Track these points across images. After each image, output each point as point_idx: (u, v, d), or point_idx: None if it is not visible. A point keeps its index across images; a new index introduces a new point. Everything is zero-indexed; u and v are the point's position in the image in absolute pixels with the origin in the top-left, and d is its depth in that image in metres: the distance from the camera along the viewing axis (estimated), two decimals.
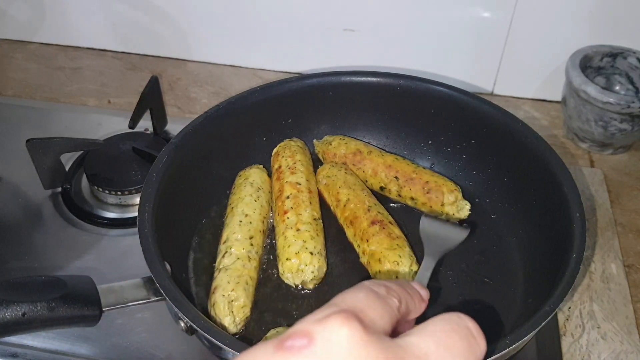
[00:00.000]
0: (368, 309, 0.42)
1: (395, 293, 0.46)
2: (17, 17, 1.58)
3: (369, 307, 0.42)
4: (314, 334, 0.39)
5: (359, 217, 1.03)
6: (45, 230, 1.13)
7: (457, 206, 1.08)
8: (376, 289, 0.45)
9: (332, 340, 0.38)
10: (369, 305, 0.42)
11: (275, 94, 1.15)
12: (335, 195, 1.09)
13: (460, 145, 1.16)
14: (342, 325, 0.39)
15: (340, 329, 0.39)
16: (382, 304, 0.44)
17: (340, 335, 0.38)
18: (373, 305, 0.43)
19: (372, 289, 0.45)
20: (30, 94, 1.48)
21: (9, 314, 0.75)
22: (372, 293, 0.44)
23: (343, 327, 0.39)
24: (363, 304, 0.42)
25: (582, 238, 0.88)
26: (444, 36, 1.40)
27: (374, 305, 0.43)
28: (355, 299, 0.43)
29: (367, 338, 0.39)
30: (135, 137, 1.25)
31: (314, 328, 0.39)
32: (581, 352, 0.96)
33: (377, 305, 0.43)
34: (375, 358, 0.38)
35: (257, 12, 1.44)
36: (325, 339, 0.38)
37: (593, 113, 1.25)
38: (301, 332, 0.39)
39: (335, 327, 0.39)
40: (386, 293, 0.45)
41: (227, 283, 0.93)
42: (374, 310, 0.42)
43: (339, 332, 0.39)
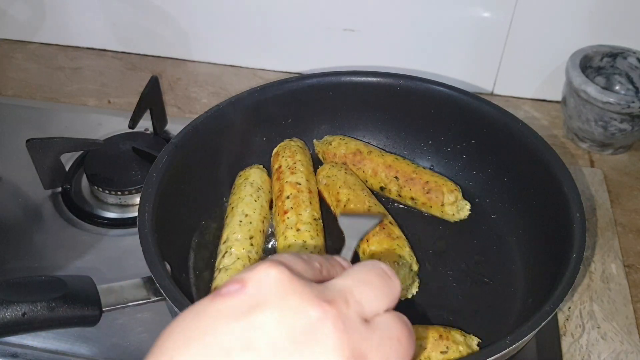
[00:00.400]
0: (293, 263, 0.47)
1: (316, 259, 0.51)
2: (17, 17, 1.58)
3: (294, 262, 0.47)
4: (245, 279, 0.43)
5: None
6: (45, 230, 1.13)
7: (457, 206, 1.08)
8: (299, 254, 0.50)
9: (263, 281, 0.43)
10: (294, 261, 0.48)
11: (275, 94, 1.15)
12: (335, 195, 1.09)
13: (460, 145, 1.16)
14: (270, 268, 0.44)
15: (269, 270, 0.44)
16: (305, 263, 0.49)
17: (270, 276, 0.43)
18: (297, 262, 0.48)
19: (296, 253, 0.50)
20: (30, 94, 1.48)
21: (9, 314, 0.75)
22: (296, 255, 0.49)
23: (272, 269, 0.44)
24: (288, 260, 0.47)
25: (582, 238, 0.88)
26: (444, 36, 1.40)
27: (298, 262, 0.48)
28: (281, 256, 0.48)
29: (292, 278, 0.44)
30: (135, 137, 1.25)
31: (245, 275, 0.44)
32: (581, 352, 0.96)
33: (300, 262, 0.48)
34: (301, 292, 0.43)
35: (257, 12, 1.44)
36: (257, 280, 0.43)
37: (593, 113, 1.25)
38: (234, 279, 0.44)
39: (264, 270, 0.44)
40: (307, 258, 0.50)
41: None
42: (299, 265, 0.48)
43: (268, 273, 0.44)
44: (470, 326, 0.94)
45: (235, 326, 0.41)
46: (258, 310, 0.41)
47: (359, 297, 0.45)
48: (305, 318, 0.42)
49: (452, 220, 1.09)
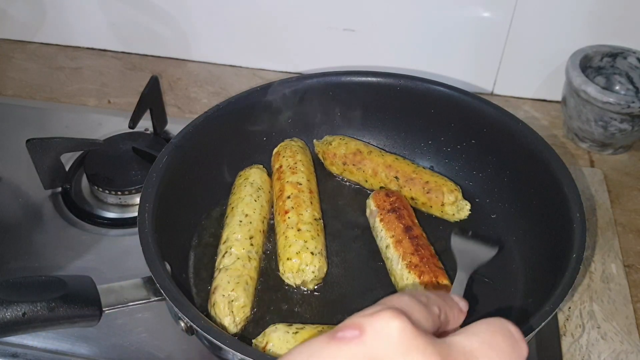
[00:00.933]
0: (413, 310, 0.44)
1: (435, 302, 0.48)
2: (17, 17, 1.58)
3: (414, 309, 0.44)
4: (365, 326, 0.40)
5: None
6: (45, 230, 1.13)
7: (457, 206, 1.08)
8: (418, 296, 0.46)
9: (383, 332, 0.40)
10: (414, 307, 0.44)
11: (275, 94, 1.15)
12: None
13: (460, 145, 1.16)
14: (392, 319, 0.40)
15: (391, 321, 0.40)
16: (425, 309, 0.45)
17: (391, 328, 0.40)
18: (418, 308, 0.45)
19: (415, 295, 0.46)
20: (30, 94, 1.48)
21: (9, 314, 0.75)
22: (415, 298, 0.46)
23: (394, 320, 0.40)
24: (409, 306, 0.44)
25: (582, 238, 0.88)
26: (444, 36, 1.40)
27: (418, 308, 0.45)
28: (401, 301, 0.44)
29: (416, 332, 0.40)
30: (135, 137, 1.25)
31: (365, 320, 0.40)
32: (581, 352, 0.96)
33: (421, 308, 0.45)
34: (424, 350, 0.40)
35: (257, 12, 1.44)
36: (376, 330, 0.40)
37: (593, 113, 1.25)
38: (352, 324, 0.40)
39: (386, 320, 0.40)
40: (426, 301, 0.47)
41: (227, 283, 0.93)
42: (419, 312, 0.44)
43: (390, 325, 0.40)
44: None
45: None
46: None
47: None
48: None
49: (452, 220, 1.09)
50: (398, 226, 1.01)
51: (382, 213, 1.04)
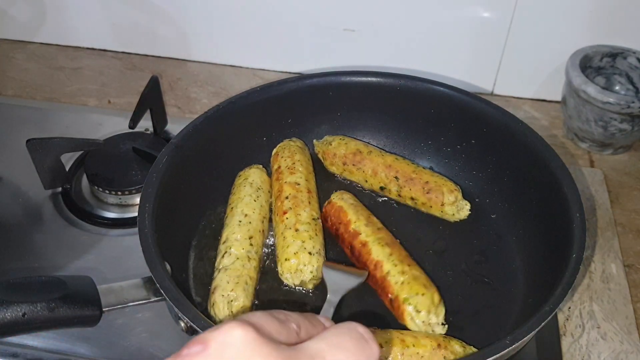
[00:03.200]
0: (264, 324, 0.44)
1: (294, 320, 0.48)
2: (17, 17, 1.58)
3: (265, 322, 0.45)
4: (208, 340, 0.41)
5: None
6: (45, 230, 1.13)
7: (457, 206, 1.08)
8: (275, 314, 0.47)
9: (226, 342, 0.40)
10: (265, 321, 0.45)
11: (275, 94, 1.15)
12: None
13: (460, 145, 1.16)
14: (235, 328, 0.41)
15: (234, 331, 0.41)
16: (279, 324, 0.46)
17: (234, 337, 0.41)
18: (269, 322, 0.45)
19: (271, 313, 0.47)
20: (30, 94, 1.48)
21: (9, 314, 0.75)
22: (270, 314, 0.46)
23: (236, 329, 0.41)
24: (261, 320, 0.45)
25: (582, 238, 0.88)
26: (444, 36, 1.40)
27: (270, 322, 0.45)
28: (252, 316, 0.45)
29: (259, 339, 0.41)
30: (135, 137, 1.25)
31: (209, 335, 0.41)
32: (581, 352, 0.96)
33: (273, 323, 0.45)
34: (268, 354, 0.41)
35: (257, 12, 1.44)
36: (220, 342, 0.41)
37: (593, 113, 1.25)
38: (197, 339, 0.41)
39: (229, 331, 0.41)
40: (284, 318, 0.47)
41: (227, 283, 0.93)
42: (270, 326, 0.45)
43: (232, 334, 0.41)
44: (470, 326, 0.94)
45: None
46: None
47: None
48: None
49: (452, 220, 1.09)
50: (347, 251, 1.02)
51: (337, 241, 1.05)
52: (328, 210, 1.07)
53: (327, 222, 1.06)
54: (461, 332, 0.92)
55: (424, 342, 0.86)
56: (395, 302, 0.91)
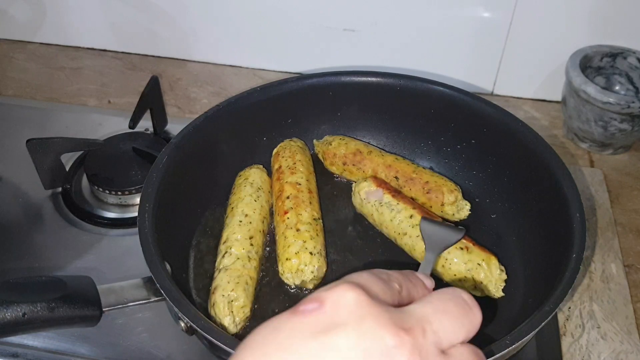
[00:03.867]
0: (371, 284, 0.47)
1: (396, 279, 0.50)
2: (17, 17, 1.58)
3: (372, 283, 0.47)
4: (324, 299, 0.44)
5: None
6: (45, 230, 1.13)
7: (457, 206, 1.08)
8: (378, 274, 0.49)
9: (340, 302, 0.43)
10: (372, 282, 0.47)
11: (275, 94, 1.15)
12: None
13: (460, 145, 1.16)
14: (348, 290, 0.44)
15: (347, 292, 0.44)
16: (384, 285, 0.48)
17: (347, 298, 0.43)
18: (376, 283, 0.47)
19: (374, 272, 0.49)
20: (30, 94, 1.48)
21: (9, 315, 0.75)
22: (374, 275, 0.48)
23: (350, 291, 0.44)
24: (367, 281, 0.47)
25: (582, 238, 0.88)
26: (444, 36, 1.40)
27: (376, 283, 0.47)
28: (359, 277, 0.47)
29: (370, 301, 0.43)
30: (135, 137, 1.25)
31: (324, 294, 0.44)
32: (581, 352, 0.96)
33: (379, 284, 0.47)
34: (378, 316, 0.43)
35: (257, 12, 1.44)
36: (334, 301, 0.43)
37: (593, 113, 1.25)
38: (312, 298, 0.44)
39: (342, 292, 0.44)
40: (387, 277, 0.49)
41: (227, 283, 0.93)
42: (377, 286, 0.47)
43: (346, 295, 0.43)
44: None
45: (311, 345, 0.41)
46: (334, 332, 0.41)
47: (437, 327, 0.44)
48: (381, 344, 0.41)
49: (452, 220, 1.09)
50: (412, 202, 1.05)
51: (389, 190, 1.06)
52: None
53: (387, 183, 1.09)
54: None
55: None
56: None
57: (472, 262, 0.96)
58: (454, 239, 0.76)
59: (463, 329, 0.46)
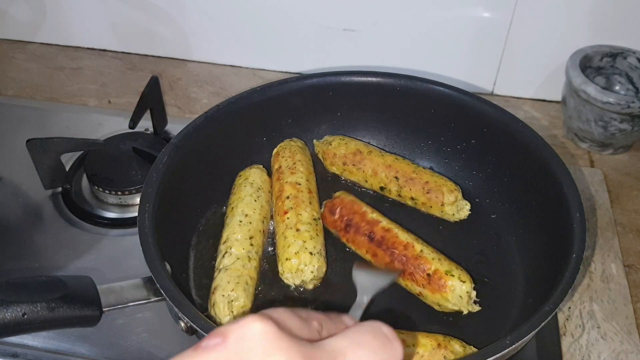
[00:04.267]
0: (285, 319, 0.44)
1: (315, 318, 0.47)
2: (17, 17, 1.58)
3: (286, 318, 0.44)
4: (228, 333, 0.40)
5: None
6: (45, 230, 1.13)
7: (457, 206, 1.08)
8: (297, 311, 0.46)
9: (246, 335, 0.40)
10: (286, 317, 0.44)
11: (275, 94, 1.15)
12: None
13: (460, 145, 1.16)
14: (254, 322, 0.41)
15: (254, 325, 0.41)
16: (300, 321, 0.45)
17: (254, 331, 0.40)
18: (291, 318, 0.44)
19: (293, 310, 0.46)
20: (30, 94, 1.48)
21: (9, 315, 0.75)
22: (291, 311, 0.46)
23: (256, 323, 0.41)
24: (282, 315, 0.44)
25: (582, 238, 0.88)
26: (444, 36, 1.40)
27: (291, 319, 0.45)
28: (274, 311, 0.44)
29: (279, 334, 0.41)
30: (136, 137, 1.25)
31: (228, 328, 0.41)
32: (581, 352, 0.96)
33: (295, 320, 0.45)
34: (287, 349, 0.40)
35: (257, 12, 1.44)
36: (239, 335, 0.40)
37: (593, 113, 1.25)
38: (216, 332, 0.41)
39: (249, 325, 0.41)
40: (306, 316, 0.47)
41: (227, 283, 0.93)
42: (291, 322, 0.44)
43: (252, 328, 0.40)
44: (470, 326, 0.94)
45: None
46: None
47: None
48: None
49: (452, 220, 1.09)
50: (363, 240, 1.02)
51: (342, 234, 1.05)
52: (337, 204, 1.07)
53: (335, 215, 1.06)
54: (461, 332, 0.92)
55: (424, 342, 0.86)
56: (435, 274, 0.93)
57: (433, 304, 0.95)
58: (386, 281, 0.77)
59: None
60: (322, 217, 1.07)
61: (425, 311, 0.96)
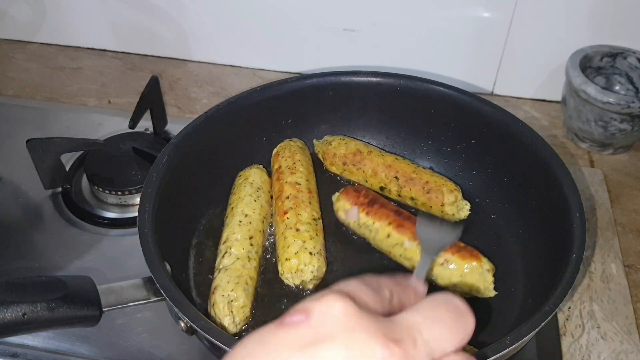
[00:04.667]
0: (361, 293, 0.45)
1: (386, 286, 0.49)
2: (17, 17, 1.58)
3: (361, 292, 0.45)
4: (310, 310, 0.42)
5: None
6: (45, 230, 1.13)
7: (457, 206, 1.08)
8: (369, 281, 0.48)
9: (328, 313, 0.42)
10: (361, 291, 0.45)
11: (275, 94, 1.15)
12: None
13: (460, 145, 1.16)
14: (336, 300, 0.42)
15: (335, 303, 0.42)
16: (373, 293, 0.47)
17: (335, 309, 0.42)
18: (365, 292, 0.46)
19: (364, 280, 0.48)
20: (30, 94, 1.48)
21: (9, 315, 0.75)
22: (364, 283, 0.47)
23: (337, 302, 0.42)
24: (356, 289, 0.45)
25: (582, 238, 0.88)
26: (444, 36, 1.40)
27: (365, 292, 0.46)
28: (348, 285, 0.46)
29: (359, 312, 0.42)
30: (135, 137, 1.25)
31: (311, 305, 0.42)
32: (581, 352, 0.96)
33: (368, 293, 0.46)
34: (367, 327, 0.41)
35: (257, 12, 1.44)
36: (321, 312, 0.42)
37: (593, 113, 1.25)
38: (299, 309, 0.42)
39: (330, 302, 0.42)
40: (377, 285, 0.48)
41: (227, 283, 0.93)
42: (366, 295, 0.46)
43: (334, 306, 0.42)
44: None
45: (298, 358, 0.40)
46: (322, 345, 0.40)
47: (428, 336, 0.43)
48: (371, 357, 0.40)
49: (452, 220, 1.09)
50: (388, 213, 1.02)
51: (363, 207, 1.05)
52: (361, 188, 1.10)
53: (360, 192, 1.07)
54: None
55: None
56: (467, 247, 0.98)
57: (455, 275, 0.96)
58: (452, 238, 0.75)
59: (456, 336, 0.45)
60: (343, 193, 1.09)
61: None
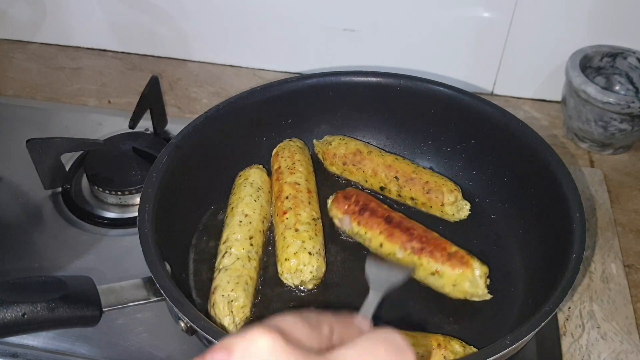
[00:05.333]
0: (294, 329, 0.42)
1: (326, 322, 0.46)
2: (17, 17, 1.58)
3: (295, 328, 0.43)
4: (233, 346, 0.39)
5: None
6: (45, 230, 1.13)
7: (457, 206, 1.08)
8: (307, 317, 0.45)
9: (251, 349, 0.39)
10: (295, 327, 0.43)
11: (275, 94, 1.15)
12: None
13: (460, 145, 1.16)
14: (261, 336, 0.39)
15: (260, 339, 0.39)
16: (310, 329, 0.44)
17: (260, 345, 0.39)
18: (299, 327, 0.43)
19: (301, 316, 0.45)
20: (30, 94, 1.48)
21: (9, 315, 0.75)
22: (301, 318, 0.44)
23: (262, 337, 0.39)
24: (288, 325, 0.43)
25: (582, 238, 0.88)
26: (444, 36, 1.40)
27: (300, 327, 0.43)
28: (282, 321, 0.43)
29: (287, 348, 0.39)
30: (136, 137, 1.25)
31: (234, 341, 0.39)
32: (581, 352, 0.96)
33: (303, 328, 0.43)
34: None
35: (258, 12, 1.44)
36: (244, 349, 0.39)
37: (593, 113, 1.25)
38: (221, 345, 0.40)
39: (255, 338, 0.39)
40: (316, 322, 0.45)
41: (227, 283, 0.93)
42: (299, 331, 0.43)
43: (258, 342, 0.39)
44: (470, 326, 0.94)
45: None
46: None
47: None
48: None
49: (452, 220, 1.09)
50: (379, 222, 1.01)
51: (354, 217, 1.04)
52: (352, 192, 1.07)
53: (350, 199, 1.06)
54: (461, 332, 0.92)
55: (423, 342, 0.86)
56: (457, 253, 0.95)
57: (447, 284, 0.95)
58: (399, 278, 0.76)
59: None
60: (334, 201, 1.07)
61: (425, 311, 0.97)
